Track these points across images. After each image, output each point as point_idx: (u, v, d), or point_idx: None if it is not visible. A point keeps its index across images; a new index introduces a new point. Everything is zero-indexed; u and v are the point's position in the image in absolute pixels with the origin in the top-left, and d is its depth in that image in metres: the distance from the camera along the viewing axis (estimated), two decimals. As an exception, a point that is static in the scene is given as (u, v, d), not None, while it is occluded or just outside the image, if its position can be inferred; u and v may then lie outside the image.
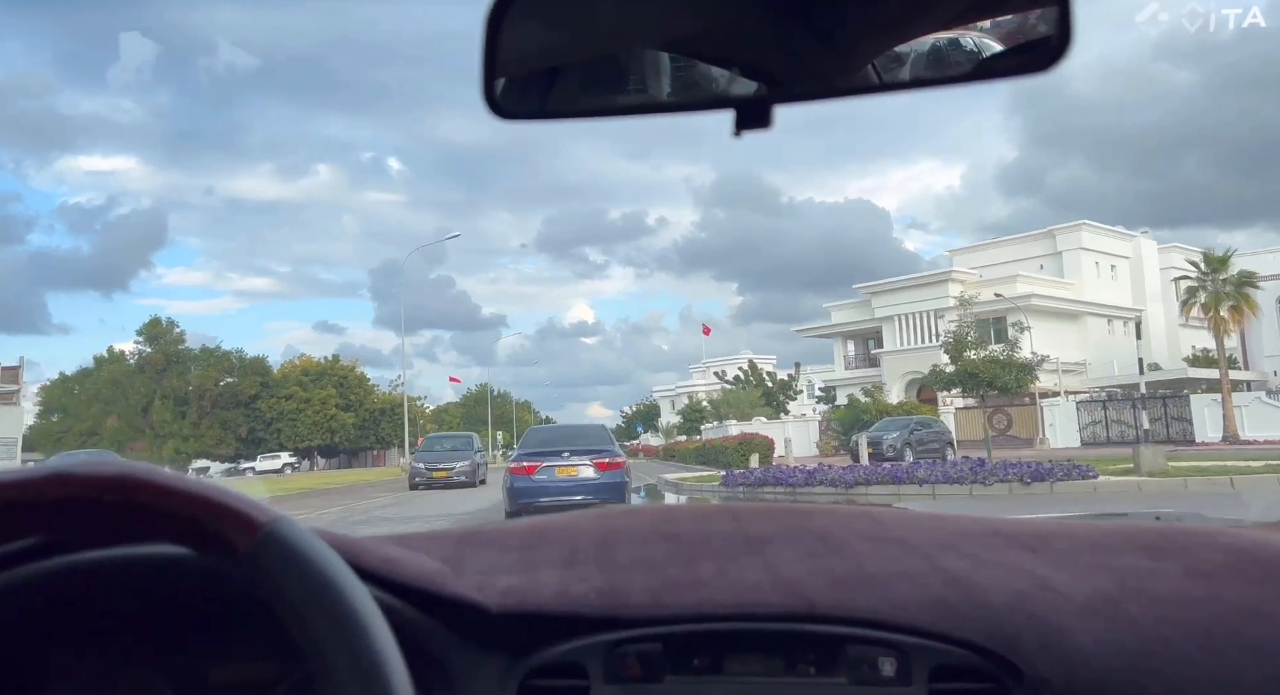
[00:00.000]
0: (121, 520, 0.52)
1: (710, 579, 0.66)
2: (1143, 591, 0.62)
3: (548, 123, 0.76)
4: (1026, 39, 0.69)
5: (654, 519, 0.81)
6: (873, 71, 0.72)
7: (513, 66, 0.74)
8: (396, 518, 13.20)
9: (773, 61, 0.72)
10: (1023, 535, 0.73)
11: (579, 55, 0.76)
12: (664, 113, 0.75)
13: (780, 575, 0.66)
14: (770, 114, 0.68)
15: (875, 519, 0.78)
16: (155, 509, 0.51)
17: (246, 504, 0.52)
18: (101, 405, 60.34)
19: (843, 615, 0.63)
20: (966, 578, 0.64)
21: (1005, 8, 0.71)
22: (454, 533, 0.79)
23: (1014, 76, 0.70)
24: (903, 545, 0.71)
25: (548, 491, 10.68)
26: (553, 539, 0.75)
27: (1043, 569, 0.65)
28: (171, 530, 0.53)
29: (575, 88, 0.76)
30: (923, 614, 0.62)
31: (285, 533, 0.51)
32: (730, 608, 0.64)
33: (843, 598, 0.64)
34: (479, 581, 0.65)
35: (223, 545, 0.51)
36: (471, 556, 0.70)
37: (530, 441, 12.01)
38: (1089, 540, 0.72)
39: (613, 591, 0.65)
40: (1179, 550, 0.68)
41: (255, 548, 0.50)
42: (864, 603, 0.63)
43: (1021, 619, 0.60)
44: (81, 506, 0.51)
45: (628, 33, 0.74)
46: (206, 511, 0.51)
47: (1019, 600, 0.62)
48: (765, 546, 0.71)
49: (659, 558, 0.70)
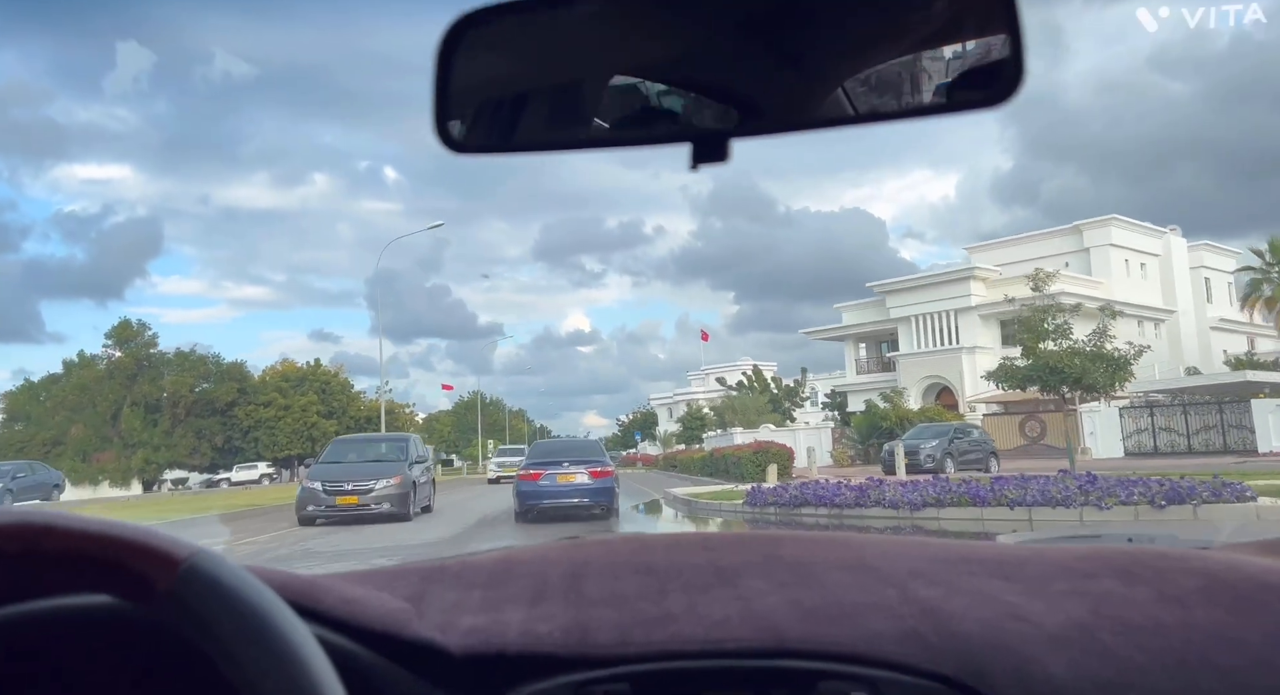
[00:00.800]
0: (32, 571, 0.49)
1: (680, 613, 0.64)
2: (1116, 619, 0.61)
3: (502, 156, 0.77)
4: (981, 73, 0.70)
5: (627, 550, 0.79)
6: (828, 106, 0.74)
7: (466, 99, 0.75)
8: (326, 553, 10.10)
9: (729, 96, 0.74)
10: (994, 561, 0.72)
11: (534, 88, 0.77)
12: (620, 146, 0.78)
13: (751, 608, 0.65)
14: (727, 148, 0.69)
15: (848, 545, 0.77)
16: (66, 555, 0.48)
17: (163, 540, 0.49)
18: (67, 413, 56.84)
19: (814, 649, 0.61)
20: (938, 607, 0.63)
21: (957, 41, 0.72)
22: (419, 568, 0.76)
23: (969, 110, 0.72)
24: (876, 574, 0.69)
25: (550, 494, 12.98)
26: (520, 573, 0.73)
27: (1015, 597, 0.65)
28: (87, 577, 0.49)
29: (530, 121, 0.76)
30: (895, 646, 0.60)
31: (206, 567, 0.48)
32: (700, 644, 0.62)
33: (814, 631, 0.62)
34: (442, 621, 0.63)
35: (143, 586, 0.48)
36: (436, 594, 0.68)
37: (535, 452, 14.63)
38: (1061, 566, 0.71)
39: (580, 629, 0.63)
40: (1152, 575, 0.68)
41: (176, 585, 0.47)
42: (835, 635, 0.61)
43: (993, 650, 0.59)
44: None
45: (583, 66, 0.76)
46: (120, 552, 0.48)
47: (990, 631, 0.61)
48: (737, 578, 0.69)
49: (629, 592, 0.68)
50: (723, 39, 0.71)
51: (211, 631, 0.47)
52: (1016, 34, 0.66)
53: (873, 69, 0.73)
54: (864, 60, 0.73)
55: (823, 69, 0.73)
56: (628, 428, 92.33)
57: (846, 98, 0.73)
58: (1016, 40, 0.66)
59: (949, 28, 0.72)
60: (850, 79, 0.73)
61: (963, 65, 0.71)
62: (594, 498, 13.15)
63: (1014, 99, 0.68)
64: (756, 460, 23.76)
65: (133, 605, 0.49)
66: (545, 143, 0.77)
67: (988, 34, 0.70)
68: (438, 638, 0.60)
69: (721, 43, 0.72)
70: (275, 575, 0.58)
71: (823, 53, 0.72)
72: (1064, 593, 0.65)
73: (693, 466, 34.47)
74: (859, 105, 0.73)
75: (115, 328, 59.55)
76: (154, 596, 0.48)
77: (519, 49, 0.75)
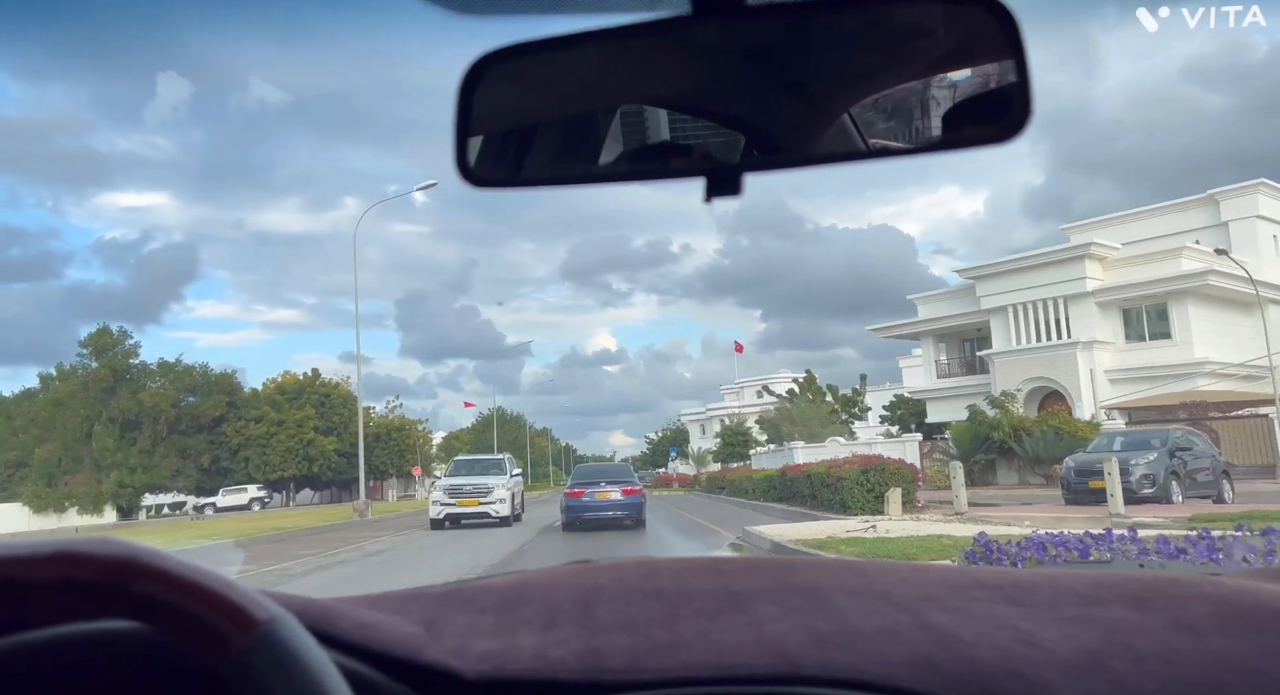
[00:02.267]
0: (109, 600, 0.49)
1: (693, 639, 0.64)
2: (1128, 646, 0.61)
3: (521, 190, 0.79)
4: (990, 108, 0.72)
5: (637, 575, 0.79)
6: (840, 141, 0.76)
7: (486, 135, 0.78)
8: None
9: (742, 130, 0.77)
10: (1006, 586, 0.72)
11: (552, 124, 0.80)
12: (636, 180, 0.81)
13: (764, 634, 0.64)
14: (740, 182, 0.71)
15: (860, 571, 0.78)
16: (152, 595, 0.49)
17: (246, 598, 0.49)
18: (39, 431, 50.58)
19: (828, 676, 0.60)
20: (951, 633, 0.63)
21: (965, 78, 0.75)
22: (434, 591, 0.77)
23: (976, 146, 0.74)
24: (887, 599, 0.69)
25: (591, 508, 16.77)
26: (533, 598, 0.73)
27: (1026, 623, 0.64)
28: (161, 616, 0.50)
29: (548, 156, 0.80)
30: (908, 672, 0.60)
31: (284, 636, 0.48)
32: (713, 670, 0.61)
33: (827, 657, 0.61)
34: (456, 646, 0.63)
35: (216, 642, 0.48)
36: (450, 618, 0.68)
37: (579, 474, 18.56)
38: (1073, 591, 0.70)
39: (592, 654, 0.63)
40: (1165, 601, 0.67)
41: (250, 647, 0.48)
42: (849, 662, 0.61)
43: (1005, 677, 0.59)
44: (75, 586, 0.49)
45: (599, 102, 0.80)
46: (204, 604, 0.49)
47: (1003, 657, 0.60)
48: (749, 603, 0.69)
49: (641, 618, 0.68)
50: (734, 76, 0.74)
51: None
52: (1023, 69, 0.68)
53: (883, 106, 0.75)
54: (873, 96, 0.76)
55: (833, 106, 0.75)
56: (657, 445, 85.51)
57: (858, 133, 0.76)
58: (1023, 75, 0.68)
59: (956, 64, 0.74)
60: (861, 116, 0.76)
61: (972, 102, 0.73)
62: (626, 511, 16.72)
63: (1023, 134, 0.69)
64: (867, 482, 16.74)
65: (196, 652, 0.49)
66: (563, 177, 0.80)
67: (995, 70, 0.72)
68: (452, 662, 0.60)
69: (733, 79, 0.75)
70: (293, 600, 0.58)
71: (832, 89, 0.75)
72: (1075, 619, 0.65)
73: (749, 488, 27.51)
74: (871, 141, 0.76)
75: (92, 335, 53.43)
76: (225, 654, 0.48)
77: (537, 87, 0.77)
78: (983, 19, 0.69)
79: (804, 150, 0.76)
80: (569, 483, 17.93)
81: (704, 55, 0.73)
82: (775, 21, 0.72)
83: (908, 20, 0.73)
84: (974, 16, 0.70)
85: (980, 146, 0.73)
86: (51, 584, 0.49)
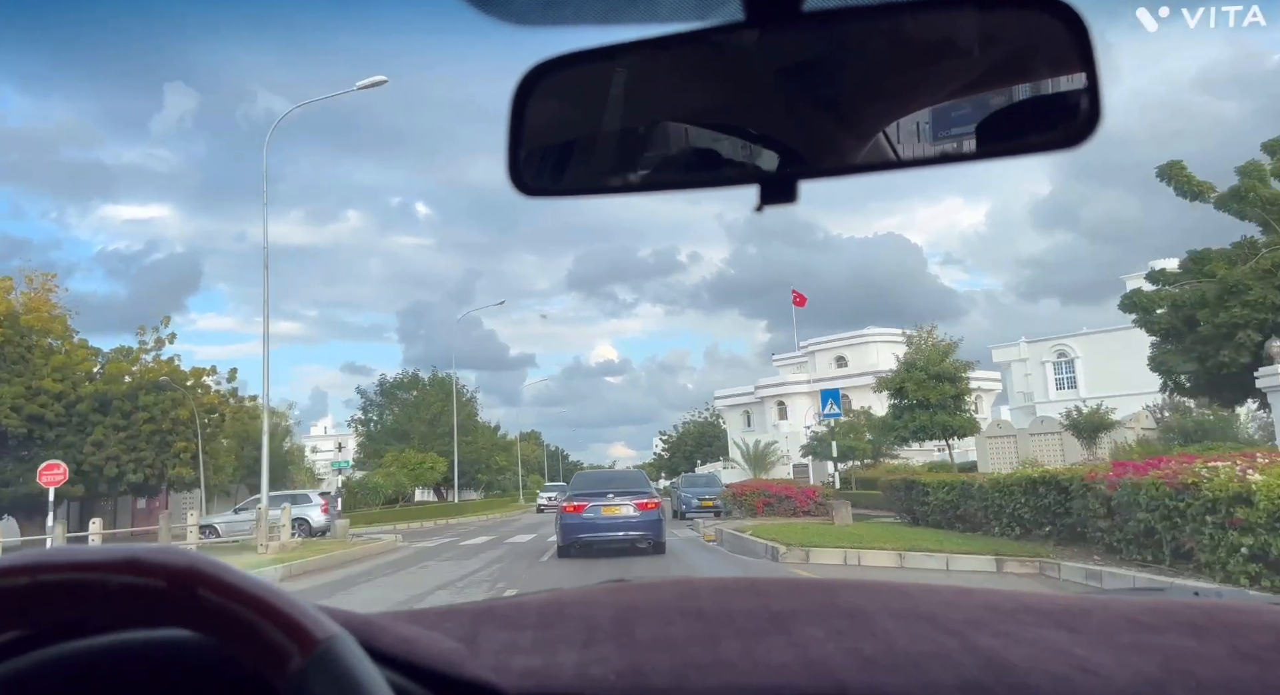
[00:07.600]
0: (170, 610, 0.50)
1: (735, 659, 0.63)
2: (1188, 674, 0.59)
3: (573, 199, 0.80)
4: (1056, 113, 0.70)
5: (674, 594, 0.79)
6: (897, 147, 0.75)
7: (539, 145, 0.77)
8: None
9: (796, 138, 0.75)
10: (1055, 611, 0.70)
11: (604, 133, 0.79)
12: (689, 188, 0.79)
13: (808, 655, 0.63)
14: (795, 189, 0.70)
15: (903, 593, 0.77)
16: (215, 606, 0.49)
17: (306, 614, 0.50)
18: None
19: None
20: (1001, 658, 0.62)
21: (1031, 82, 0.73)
22: (469, 608, 0.77)
23: (1041, 152, 0.73)
24: (933, 622, 0.68)
25: (595, 527, 13.22)
26: (570, 616, 0.73)
27: (1081, 649, 0.63)
28: (222, 628, 0.50)
29: (600, 165, 0.78)
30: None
31: (342, 654, 0.49)
32: (757, 691, 0.60)
33: (874, 680, 0.60)
34: (496, 662, 0.63)
35: (272, 654, 0.49)
36: (487, 635, 0.68)
37: (579, 483, 14.79)
38: (1127, 618, 0.69)
39: (634, 673, 0.62)
40: (1224, 629, 0.66)
41: (309, 664, 0.48)
42: (896, 686, 0.60)
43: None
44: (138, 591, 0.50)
45: (651, 112, 0.79)
46: (267, 618, 0.49)
47: (1058, 684, 0.58)
48: (791, 624, 0.68)
49: (680, 637, 0.67)
50: (789, 82, 0.73)
51: None
52: (1093, 73, 0.67)
53: (943, 111, 0.73)
54: (931, 101, 0.73)
55: (890, 112, 0.74)
56: (675, 444, 65.91)
57: (913, 139, 0.74)
58: (1093, 80, 0.67)
59: (1021, 68, 0.72)
60: (921, 121, 0.73)
61: (1037, 106, 0.71)
62: (642, 531, 13.26)
63: (1092, 139, 0.67)
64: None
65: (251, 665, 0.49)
66: (616, 186, 0.78)
67: (1061, 74, 0.70)
68: (493, 679, 0.60)
69: (788, 86, 0.73)
70: (337, 613, 0.58)
71: (890, 95, 0.73)
72: (1131, 646, 0.63)
73: (970, 517, 14.07)
74: (926, 148, 0.73)
75: None
76: (282, 669, 0.48)
77: (590, 95, 0.76)
78: (1049, 23, 0.68)
79: (861, 156, 0.74)
80: (567, 495, 14.36)
81: (759, 62, 0.72)
82: (833, 28, 0.71)
83: (970, 25, 0.71)
84: (1040, 20, 0.68)
85: (1046, 152, 0.72)
86: (121, 590, 0.49)
